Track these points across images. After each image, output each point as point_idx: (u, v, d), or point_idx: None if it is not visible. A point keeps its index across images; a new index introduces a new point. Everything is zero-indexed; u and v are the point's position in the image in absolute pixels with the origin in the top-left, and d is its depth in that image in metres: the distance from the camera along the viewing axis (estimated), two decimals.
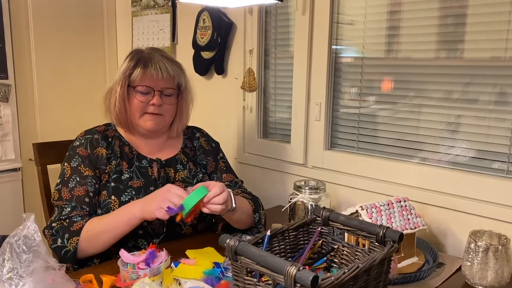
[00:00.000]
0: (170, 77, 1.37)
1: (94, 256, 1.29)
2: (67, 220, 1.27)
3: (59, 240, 1.24)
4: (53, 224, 1.27)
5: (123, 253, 1.06)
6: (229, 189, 1.29)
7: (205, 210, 1.20)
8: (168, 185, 1.23)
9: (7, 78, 2.14)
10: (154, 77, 1.34)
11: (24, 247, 0.87)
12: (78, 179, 1.33)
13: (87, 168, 1.35)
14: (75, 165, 1.35)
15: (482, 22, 1.37)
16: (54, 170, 1.64)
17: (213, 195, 1.19)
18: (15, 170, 2.21)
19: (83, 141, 1.39)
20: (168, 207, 1.15)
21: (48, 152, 1.67)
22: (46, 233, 1.28)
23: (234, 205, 1.28)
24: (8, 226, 1.07)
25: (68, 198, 1.31)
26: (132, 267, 1.03)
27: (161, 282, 1.04)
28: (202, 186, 1.21)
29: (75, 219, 1.27)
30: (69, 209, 1.29)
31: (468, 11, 1.38)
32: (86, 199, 1.31)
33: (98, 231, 1.24)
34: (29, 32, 2.23)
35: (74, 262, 1.26)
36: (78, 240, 1.23)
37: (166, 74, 1.35)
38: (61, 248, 1.24)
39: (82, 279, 1.08)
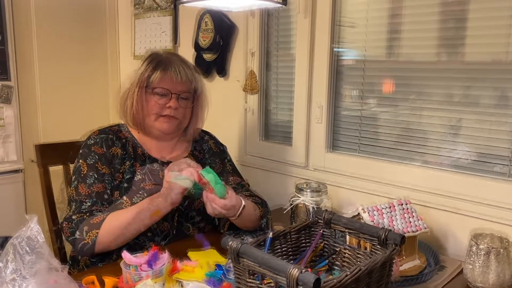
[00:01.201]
0: (188, 81, 1.40)
1: (113, 252, 1.29)
2: (88, 214, 1.27)
3: (77, 233, 1.24)
4: (73, 217, 1.27)
5: (125, 254, 1.06)
6: (243, 203, 1.32)
7: (207, 207, 1.25)
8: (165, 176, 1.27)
9: (9, 80, 2.14)
10: (173, 80, 1.37)
11: (27, 248, 0.88)
12: (96, 176, 1.33)
13: (104, 166, 1.35)
14: (92, 162, 1.35)
15: (483, 26, 1.37)
16: (56, 171, 1.64)
17: (221, 201, 1.24)
18: (17, 171, 2.21)
19: (97, 139, 1.40)
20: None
21: (50, 153, 1.67)
22: (64, 225, 1.28)
23: (243, 203, 1.32)
24: (10, 228, 1.07)
25: (87, 193, 1.31)
26: (134, 268, 1.03)
27: (164, 284, 1.04)
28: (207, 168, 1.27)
29: (96, 213, 1.27)
30: (89, 203, 1.29)
31: (469, 14, 1.39)
32: (105, 196, 1.32)
33: (121, 224, 1.24)
34: (31, 33, 2.23)
35: (91, 255, 1.25)
36: (97, 233, 1.23)
37: (185, 78, 1.38)
38: (79, 241, 1.24)
39: (85, 280, 1.08)
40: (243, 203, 1.32)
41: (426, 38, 1.48)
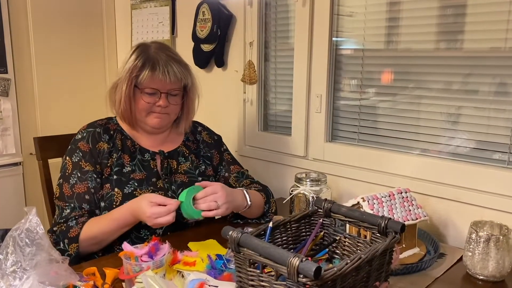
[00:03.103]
0: (178, 80, 1.37)
1: (114, 243, 1.33)
2: (65, 224, 1.29)
3: (61, 244, 1.28)
4: (54, 228, 1.31)
5: (126, 245, 1.06)
6: (241, 188, 1.38)
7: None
8: (145, 197, 1.26)
9: (6, 73, 2.13)
10: (162, 81, 1.35)
11: (27, 240, 0.88)
12: (79, 175, 1.34)
13: (88, 163, 1.36)
14: (76, 160, 1.36)
15: (482, 13, 1.36)
16: (55, 164, 1.64)
17: (202, 197, 1.27)
18: (16, 164, 2.21)
19: (85, 134, 1.40)
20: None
21: (49, 146, 1.67)
22: (49, 236, 1.31)
23: (249, 203, 1.37)
24: (9, 221, 1.07)
25: (69, 195, 1.33)
26: (135, 259, 1.03)
27: (164, 275, 1.05)
28: (194, 186, 1.29)
29: (71, 224, 1.29)
30: (68, 210, 1.31)
31: (468, 1, 1.37)
32: (87, 197, 1.33)
33: (96, 234, 1.27)
34: (28, 25, 2.21)
35: (77, 263, 1.27)
36: (77, 246, 1.27)
37: (174, 78, 1.36)
38: (63, 251, 1.27)
39: (85, 272, 1.08)
40: (249, 202, 1.37)
41: (424, 26, 1.47)
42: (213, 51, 1.99)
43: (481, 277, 1.13)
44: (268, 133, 1.95)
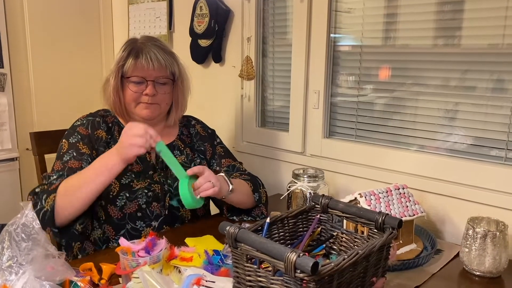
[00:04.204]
0: (162, 67, 1.36)
1: (76, 222, 1.26)
2: (48, 184, 1.26)
3: (39, 203, 1.23)
4: (37, 190, 1.27)
5: (122, 241, 1.06)
6: (222, 174, 1.36)
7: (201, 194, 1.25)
8: (129, 124, 1.25)
9: (2, 67, 2.12)
10: (145, 68, 1.34)
11: (23, 235, 0.87)
12: (74, 154, 1.33)
13: (85, 146, 1.35)
14: (74, 141, 1.36)
15: (479, 9, 1.36)
16: (51, 159, 1.63)
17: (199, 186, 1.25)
18: (12, 159, 2.20)
19: (84, 121, 1.41)
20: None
21: (45, 141, 1.67)
22: (29, 199, 1.26)
23: (231, 187, 1.34)
24: (5, 216, 1.07)
25: (59, 168, 1.31)
26: (132, 254, 1.03)
27: (161, 270, 1.04)
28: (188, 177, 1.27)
29: (54, 182, 1.26)
30: (55, 176, 1.28)
31: None
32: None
33: (76, 184, 1.22)
34: (24, 20, 2.20)
35: (53, 224, 1.22)
36: (55, 197, 1.20)
37: (157, 64, 1.35)
38: (40, 211, 1.22)
39: (82, 267, 1.08)
40: (231, 185, 1.35)
41: (423, 23, 1.47)
42: (210, 46, 1.98)
43: (477, 273, 1.14)
44: (265, 129, 1.95)
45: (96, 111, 1.46)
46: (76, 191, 1.21)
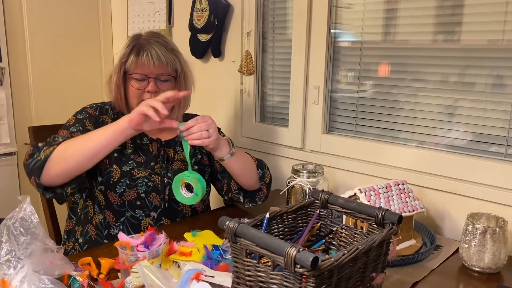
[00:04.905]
0: (163, 64, 1.36)
1: (66, 185, 1.26)
2: (52, 139, 1.27)
3: (36, 154, 1.23)
4: (39, 144, 1.27)
5: (121, 235, 1.05)
6: (226, 137, 1.37)
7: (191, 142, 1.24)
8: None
9: (1, 61, 2.11)
10: (146, 65, 1.34)
11: (21, 229, 0.87)
12: (80, 128, 1.35)
13: (91, 125, 1.37)
14: (81, 118, 1.38)
15: (479, 4, 1.35)
16: None
17: (188, 127, 1.24)
18: (10, 154, 2.19)
19: (93, 105, 1.44)
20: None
21: (44, 135, 1.65)
22: (29, 150, 1.26)
23: (232, 149, 1.34)
24: (3, 211, 1.06)
25: (65, 136, 1.31)
26: (130, 249, 1.03)
27: (160, 265, 1.04)
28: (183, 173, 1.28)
29: (59, 139, 1.26)
30: (61, 139, 1.28)
31: None
32: None
33: (79, 141, 1.23)
34: (22, 14, 2.18)
35: (38, 174, 1.21)
36: (54, 148, 1.20)
37: (158, 62, 1.34)
38: (33, 159, 1.22)
39: (81, 262, 1.08)
40: (233, 148, 1.35)
41: (423, 19, 1.46)
42: (210, 41, 1.97)
43: (477, 269, 1.14)
44: (265, 125, 1.94)
45: (104, 102, 1.49)
46: (77, 146, 1.22)
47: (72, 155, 1.21)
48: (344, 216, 1.12)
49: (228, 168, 1.40)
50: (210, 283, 0.94)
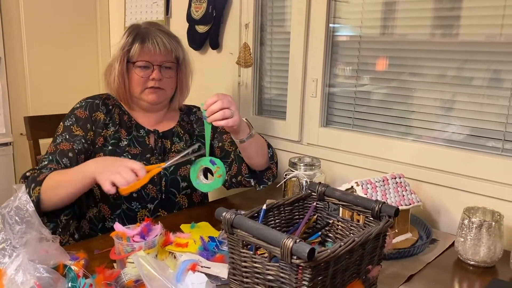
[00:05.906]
0: (168, 51, 1.37)
1: (61, 212, 1.25)
2: (38, 171, 1.26)
3: (28, 190, 1.22)
4: (27, 173, 1.27)
5: (117, 226, 1.05)
6: (243, 118, 1.33)
7: (216, 123, 1.22)
8: (126, 161, 1.17)
9: None
10: (152, 52, 1.35)
11: (16, 218, 0.86)
12: (67, 137, 1.34)
13: (79, 129, 1.36)
14: (68, 124, 1.37)
15: (477, 5, 1.34)
16: (45, 144, 1.61)
17: (209, 105, 1.22)
18: (6, 144, 2.18)
19: (83, 104, 1.41)
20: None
21: (40, 125, 1.65)
22: (21, 182, 1.26)
23: (252, 130, 1.33)
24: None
25: (51, 151, 1.31)
26: (127, 239, 1.02)
27: (156, 255, 1.04)
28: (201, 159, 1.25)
29: (44, 170, 1.25)
30: (46, 162, 1.29)
31: None
32: (70, 154, 1.31)
33: (56, 184, 1.21)
34: (18, 4, 2.16)
35: (39, 214, 1.19)
36: (40, 190, 1.20)
37: (164, 48, 1.36)
38: (29, 195, 1.20)
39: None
40: (252, 130, 1.34)
41: (421, 13, 1.46)
42: (208, 32, 1.96)
43: (472, 263, 1.14)
44: (262, 117, 1.94)
45: (98, 94, 1.46)
46: (56, 189, 1.20)
47: (56, 196, 1.20)
48: (341, 209, 1.12)
49: (244, 150, 1.37)
50: (206, 274, 0.94)
